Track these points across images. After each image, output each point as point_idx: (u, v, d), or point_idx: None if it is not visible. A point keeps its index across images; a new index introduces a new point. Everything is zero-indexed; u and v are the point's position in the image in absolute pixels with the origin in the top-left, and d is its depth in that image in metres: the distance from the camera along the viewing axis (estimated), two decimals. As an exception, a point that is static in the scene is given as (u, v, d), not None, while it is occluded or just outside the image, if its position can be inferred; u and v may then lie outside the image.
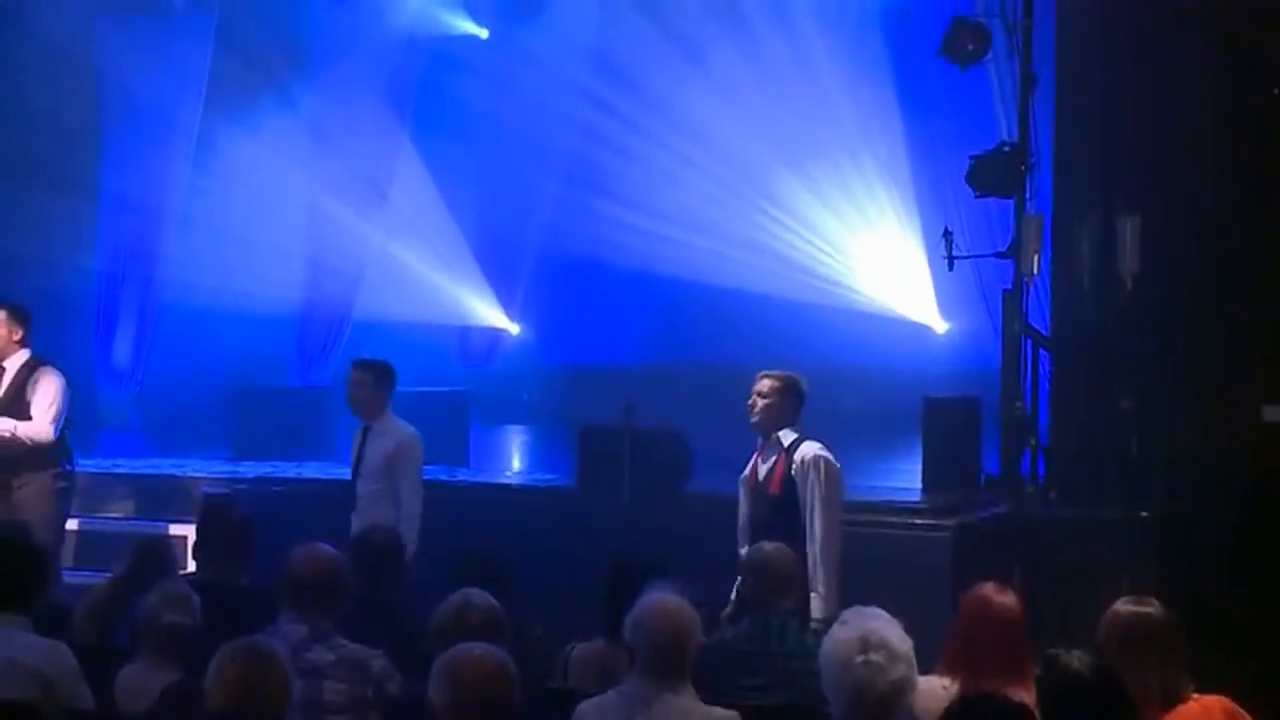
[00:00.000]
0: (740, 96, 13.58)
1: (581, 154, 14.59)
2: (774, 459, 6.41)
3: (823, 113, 13.40)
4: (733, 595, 6.34)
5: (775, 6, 12.98)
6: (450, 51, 14.80)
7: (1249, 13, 8.19)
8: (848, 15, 13.25)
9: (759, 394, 6.46)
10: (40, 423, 7.74)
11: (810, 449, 6.34)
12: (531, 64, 14.34)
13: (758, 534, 6.18)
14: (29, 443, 7.72)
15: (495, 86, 14.69)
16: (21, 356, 7.87)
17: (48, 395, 7.76)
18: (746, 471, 6.62)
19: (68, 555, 8.86)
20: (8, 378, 7.83)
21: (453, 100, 14.76)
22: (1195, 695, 4.09)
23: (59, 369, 7.91)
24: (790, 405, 6.46)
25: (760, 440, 6.53)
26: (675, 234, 14.21)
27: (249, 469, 10.50)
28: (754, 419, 6.47)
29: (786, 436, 6.41)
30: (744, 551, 6.46)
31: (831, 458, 6.35)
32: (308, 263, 14.04)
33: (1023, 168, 8.89)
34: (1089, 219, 8.58)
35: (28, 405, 7.78)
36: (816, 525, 6.22)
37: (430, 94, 14.75)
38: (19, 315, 7.90)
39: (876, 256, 14.28)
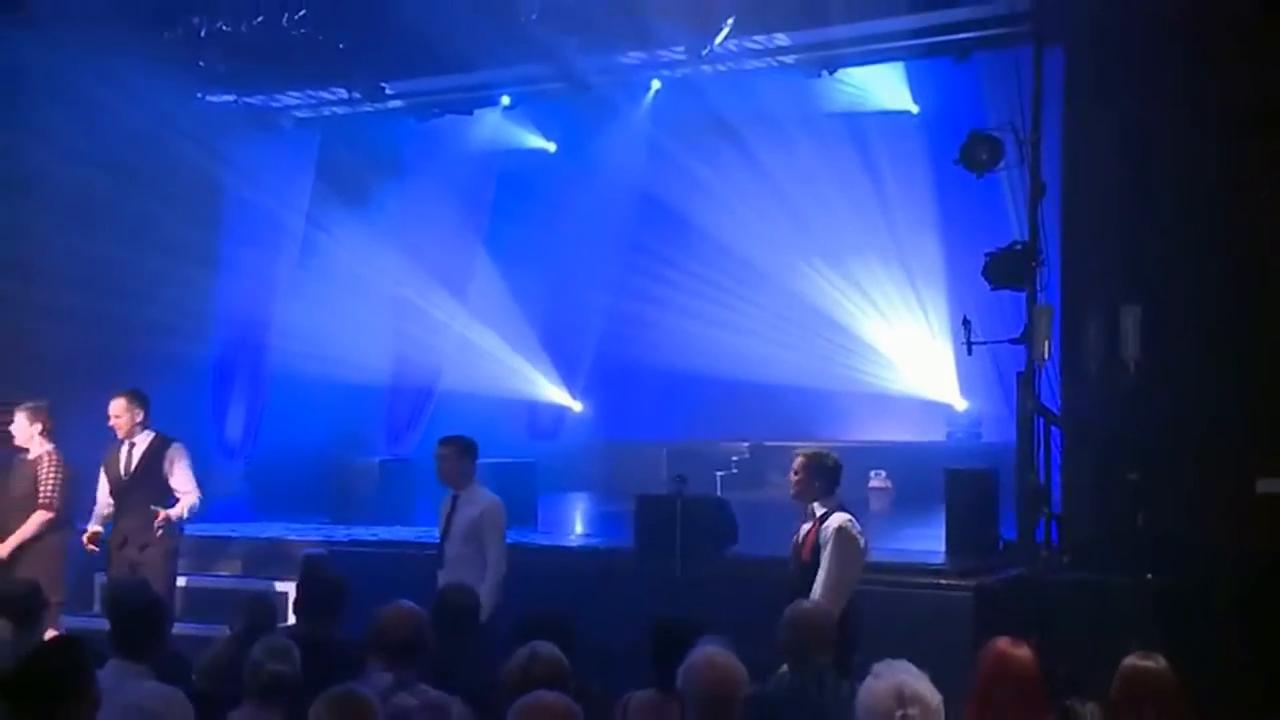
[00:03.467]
0: (781, 205, 13.69)
1: (639, 252, 14.73)
2: (808, 528, 6.40)
3: (854, 218, 13.49)
4: None
5: (809, 124, 13.08)
6: (521, 163, 15.02)
7: (1238, 121, 8.19)
8: (875, 130, 13.34)
9: (792, 471, 6.50)
10: (191, 497, 7.97)
11: (836, 520, 6.30)
12: (593, 173, 14.52)
13: (791, 594, 6.10)
14: (187, 517, 7.98)
15: (560, 193, 14.89)
16: (148, 435, 8.00)
17: (187, 470, 7.99)
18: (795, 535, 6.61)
19: (188, 608, 8.93)
20: (138, 453, 7.96)
21: (523, 204, 14.95)
22: (1200, 745, 4.02)
23: (178, 440, 8.06)
24: (815, 478, 6.42)
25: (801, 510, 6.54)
26: (722, 323, 14.30)
27: (343, 532, 10.53)
28: (792, 491, 6.52)
29: (820, 508, 6.39)
30: None
31: (851, 529, 6.28)
32: (395, 349, 14.19)
33: (1033, 264, 8.87)
34: (1094, 310, 8.54)
35: (164, 479, 7.93)
36: (820, 580, 6.17)
37: (503, 198, 14.97)
38: (139, 399, 8.03)
39: (903, 343, 14.28)
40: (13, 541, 7.90)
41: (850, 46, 10.90)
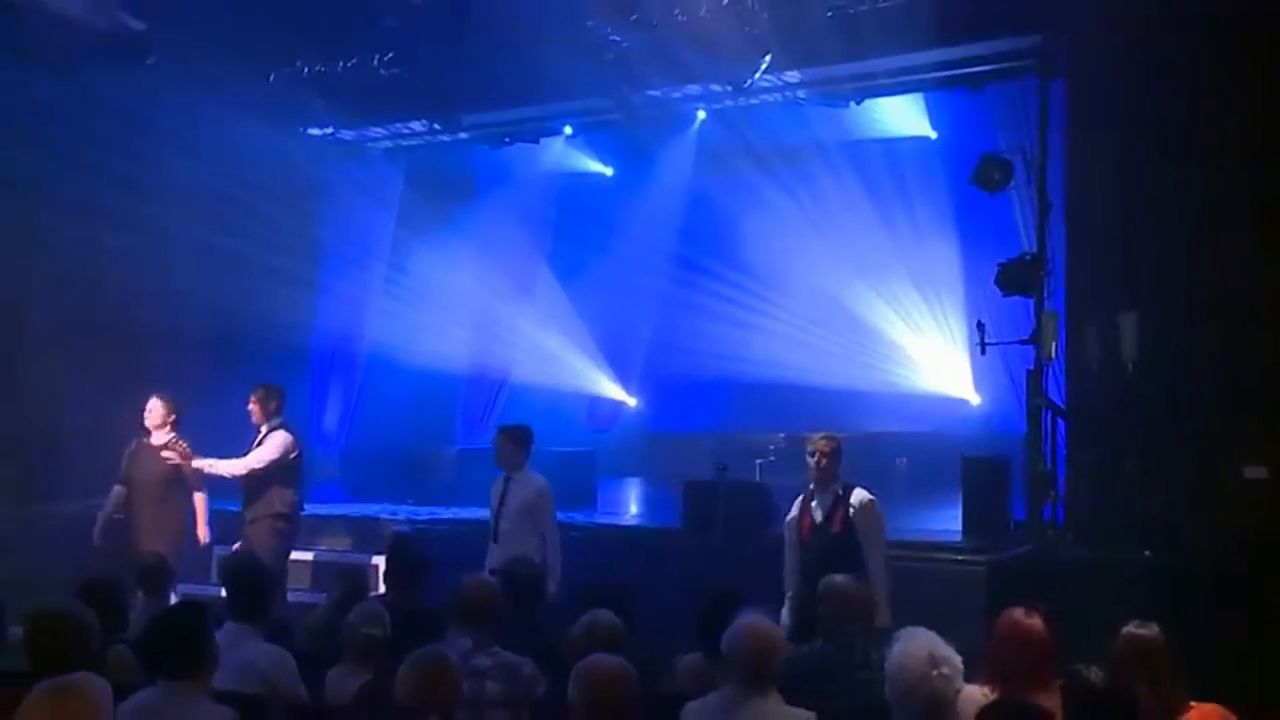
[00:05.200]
0: (813, 221, 13.64)
1: (686, 265, 14.72)
2: (832, 504, 6.33)
3: (879, 233, 13.42)
4: (784, 618, 6.13)
5: (838, 148, 13.02)
6: (581, 185, 15.06)
7: (1222, 146, 8.09)
8: (898, 154, 13.26)
9: (821, 452, 6.38)
10: (239, 463, 7.79)
11: (864, 495, 6.30)
12: (645, 194, 14.54)
13: (817, 568, 5.92)
14: (228, 476, 7.79)
15: (616, 212, 14.91)
16: (271, 424, 7.99)
17: (264, 447, 7.86)
18: (793, 515, 6.49)
19: (303, 579, 8.95)
20: (259, 439, 7.98)
21: (583, 222, 14.99)
22: (1194, 704, 3.97)
23: (289, 430, 8.02)
24: (836, 461, 6.41)
25: (812, 489, 6.43)
26: (760, 328, 14.28)
27: (426, 512, 10.56)
28: (819, 473, 6.38)
29: (840, 486, 6.35)
30: (789, 593, 6.33)
31: (878, 502, 6.34)
32: (471, 351, 14.28)
33: (1041, 273, 8.82)
34: (1096, 314, 8.47)
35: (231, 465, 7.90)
36: (876, 555, 6.15)
37: (565, 217, 15.02)
38: (270, 391, 8.02)
39: (923, 345, 14.19)
40: (203, 529, 8.03)
41: (875, 80, 10.84)
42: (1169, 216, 8.21)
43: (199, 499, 8.04)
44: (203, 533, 8.05)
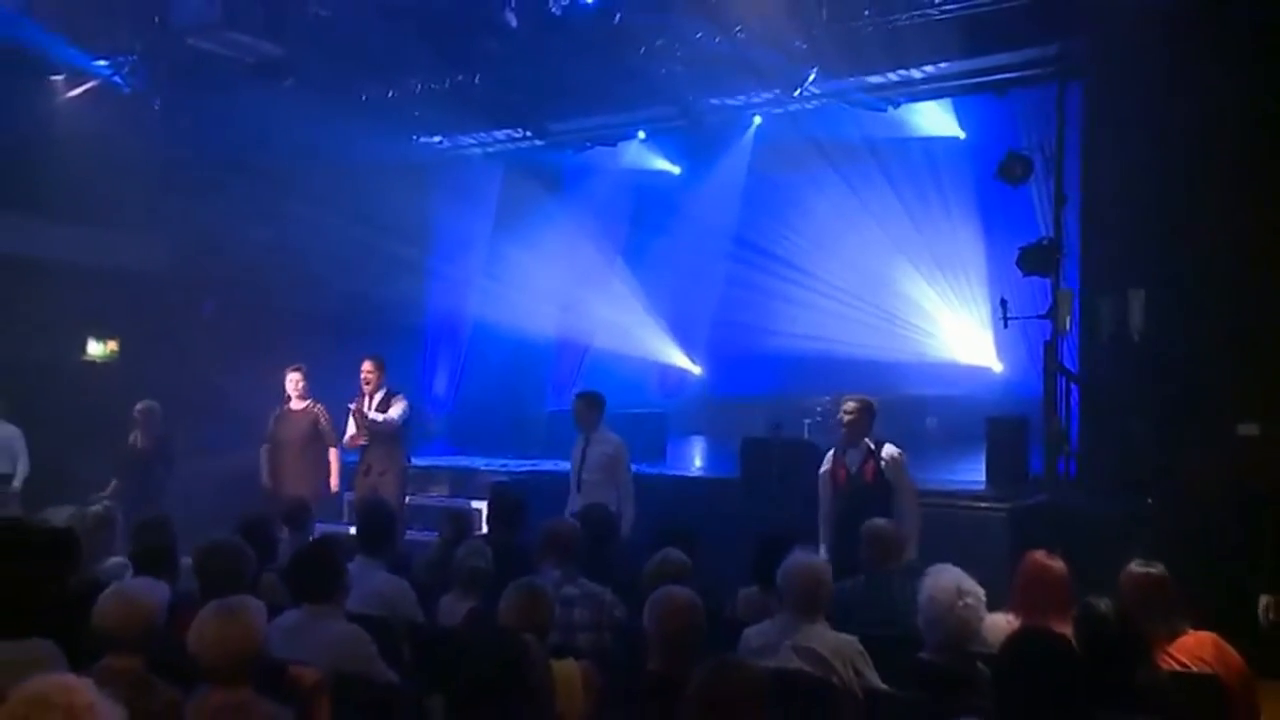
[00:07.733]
0: (856, 211, 13.50)
1: (746, 248, 14.66)
2: (864, 458, 6.31)
3: (914, 220, 13.26)
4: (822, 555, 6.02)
5: (878, 147, 12.85)
6: (653, 182, 15.02)
7: (1222, 143, 7.82)
8: (930, 151, 13.06)
9: (845, 412, 6.41)
10: (391, 417, 7.99)
11: (893, 450, 6.29)
12: (709, 188, 14.46)
13: (851, 512, 5.95)
14: (387, 428, 7.96)
15: (684, 204, 14.86)
16: (385, 389, 8.16)
17: (399, 409, 8.04)
18: (826, 468, 6.51)
19: (417, 521, 9.07)
20: (377, 403, 8.12)
21: (655, 213, 14.96)
22: (1190, 630, 3.93)
23: (405, 394, 8.22)
24: (867, 420, 6.38)
25: (843, 446, 6.43)
26: (811, 304, 14.20)
27: (524, 465, 10.68)
28: (844, 430, 6.42)
29: (871, 441, 6.32)
30: (825, 542, 6.32)
31: (905, 456, 6.31)
32: (558, 323, 14.36)
33: (1057, 255, 8.65)
34: (1107, 292, 8.29)
35: (391, 421, 8.05)
36: (906, 502, 6.13)
37: (640, 209, 15.00)
38: (383, 362, 8.22)
39: (951, 318, 14.01)
40: (335, 479, 8.29)
41: (910, 86, 10.66)
42: (1174, 205, 8.00)
43: (334, 454, 8.29)
44: (334, 483, 8.30)
